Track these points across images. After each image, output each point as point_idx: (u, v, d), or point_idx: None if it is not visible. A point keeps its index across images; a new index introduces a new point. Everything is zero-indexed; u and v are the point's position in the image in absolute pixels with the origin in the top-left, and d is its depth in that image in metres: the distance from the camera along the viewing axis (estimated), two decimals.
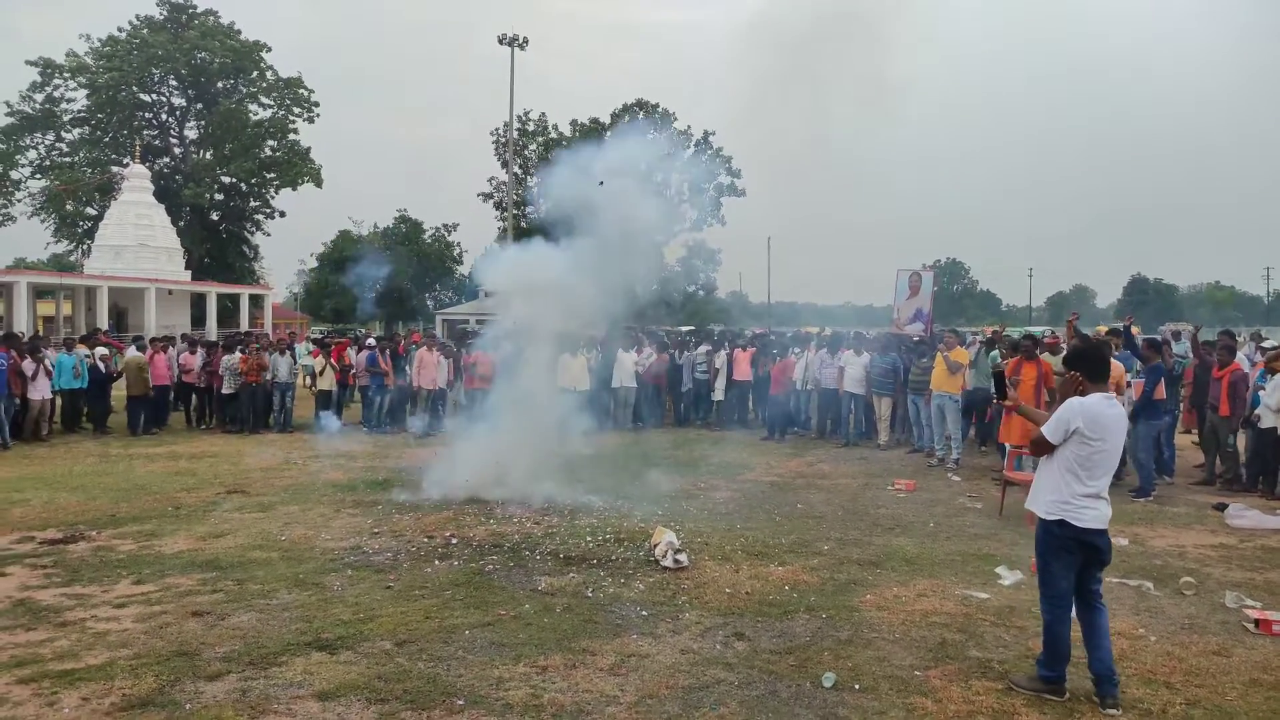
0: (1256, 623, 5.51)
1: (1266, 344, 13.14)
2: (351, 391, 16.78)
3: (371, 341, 16.63)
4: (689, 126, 44.02)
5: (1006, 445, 10.05)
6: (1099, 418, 4.42)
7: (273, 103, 54.03)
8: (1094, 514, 4.45)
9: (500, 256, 13.54)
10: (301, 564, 6.76)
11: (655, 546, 6.95)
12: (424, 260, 59.45)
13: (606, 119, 54.56)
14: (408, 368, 15.42)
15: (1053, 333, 15.43)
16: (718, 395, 15.87)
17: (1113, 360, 9.34)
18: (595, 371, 15.00)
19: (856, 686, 4.57)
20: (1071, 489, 4.47)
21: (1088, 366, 4.60)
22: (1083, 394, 4.54)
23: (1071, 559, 4.50)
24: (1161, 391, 10.28)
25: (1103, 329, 17.54)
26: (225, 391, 15.42)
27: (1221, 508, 8.95)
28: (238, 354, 15.48)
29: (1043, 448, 4.63)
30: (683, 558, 6.77)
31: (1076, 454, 4.47)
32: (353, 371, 16.10)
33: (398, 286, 55.82)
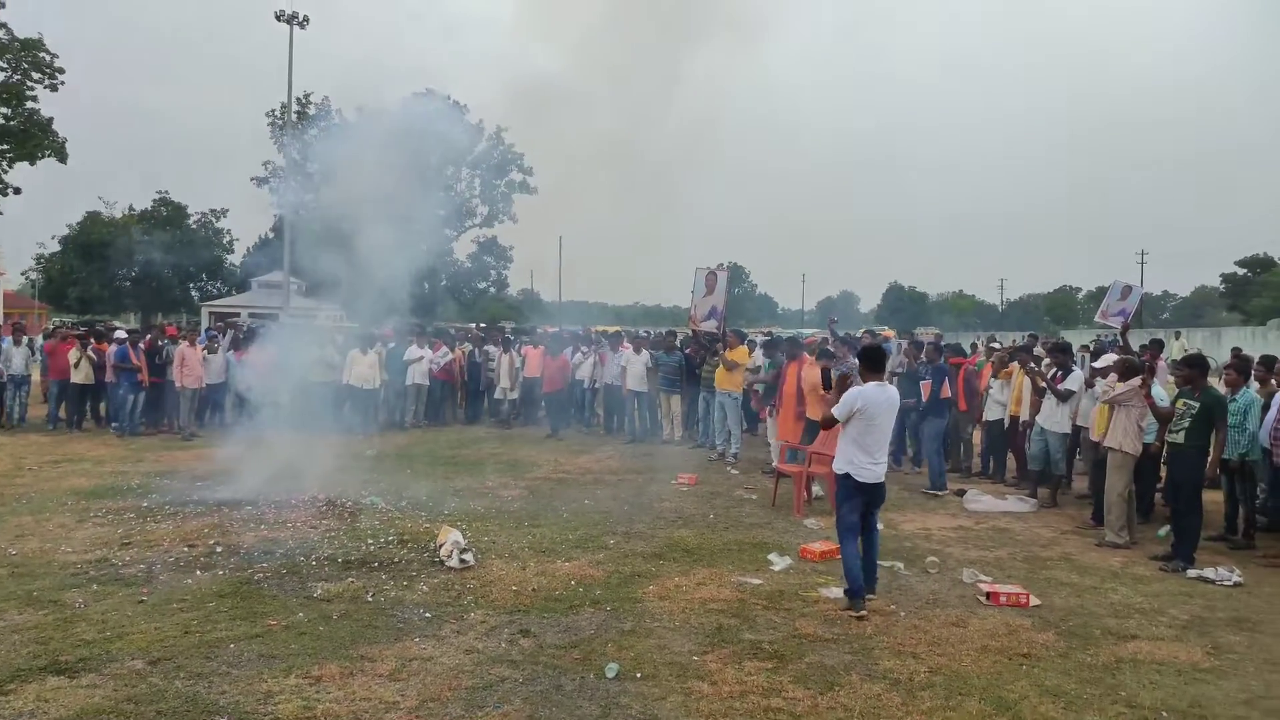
0: (988, 595, 6.19)
1: (994, 345, 14.69)
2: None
3: (122, 334, 15.08)
4: (481, 120, 43.40)
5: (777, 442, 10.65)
6: (874, 401, 5.93)
7: (7, 65, 47.87)
8: (870, 473, 5.97)
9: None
10: (35, 580, 6.05)
11: (440, 546, 6.80)
12: (188, 247, 54.70)
13: (395, 107, 52.70)
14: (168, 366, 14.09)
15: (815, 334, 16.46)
16: (513, 394, 15.70)
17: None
18: (385, 368, 14.47)
19: (638, 675, 4.69)
20: (858, 455, 5.95)
21: (867, 361, 6.16)
22: (864, 382, 6.04)
23: (857, 500, 5.99)
24: (947, 390, 10.78)
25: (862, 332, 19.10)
26: None
27: (961, 494, 9.96)
28: None
29: (833, 424, 6.18)
30: (469, 557, 6.66)
31: (858, 428, 5.94)
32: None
33: (155, 275, 51.11)
